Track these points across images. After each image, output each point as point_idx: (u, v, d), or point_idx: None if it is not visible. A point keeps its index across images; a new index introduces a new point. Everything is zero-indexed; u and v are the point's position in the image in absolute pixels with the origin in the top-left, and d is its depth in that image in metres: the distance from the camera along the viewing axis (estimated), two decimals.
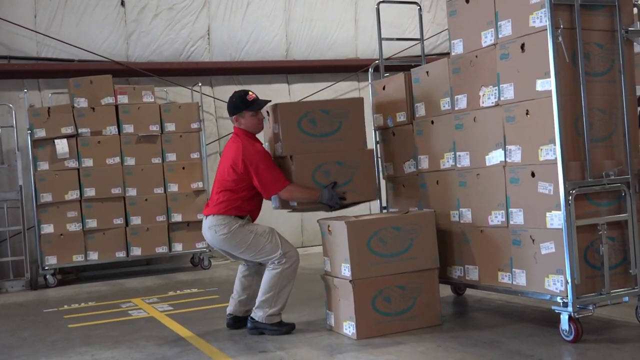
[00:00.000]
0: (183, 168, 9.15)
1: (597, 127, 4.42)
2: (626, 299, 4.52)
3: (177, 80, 9.72)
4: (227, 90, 10.13)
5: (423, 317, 4.95)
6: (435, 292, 5.01)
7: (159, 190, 9.05)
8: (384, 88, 5.90)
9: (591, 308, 4.33)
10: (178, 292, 7.52)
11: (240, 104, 5.25)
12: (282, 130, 5.13)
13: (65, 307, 7.00)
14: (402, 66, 6.77)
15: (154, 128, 9.01)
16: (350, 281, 4.82)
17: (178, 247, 9.14)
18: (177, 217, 9.09)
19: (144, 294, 7.45)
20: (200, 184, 9.20)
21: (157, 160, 9.06)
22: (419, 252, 4.93)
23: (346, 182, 5.19)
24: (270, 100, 5.44)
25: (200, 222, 9.07)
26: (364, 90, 10.65)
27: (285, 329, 5.12)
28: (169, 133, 9.10)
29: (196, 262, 9.48)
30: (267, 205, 10.21)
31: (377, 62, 6.44)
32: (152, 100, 9.07)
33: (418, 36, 10.81)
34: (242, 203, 5.17)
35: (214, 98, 10.04)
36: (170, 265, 9.75)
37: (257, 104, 5.26)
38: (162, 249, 9.04)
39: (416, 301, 4.92)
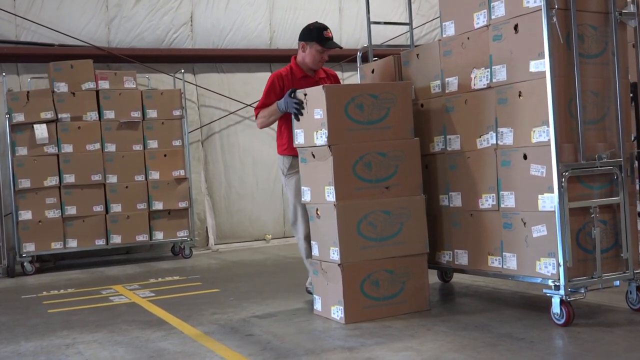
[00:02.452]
0: (165, 155, 9.02)
1: (590, 110, 4.39)
2: (617, 283, 4.48)
3: (158, 67, 9.58)
4: (209, 78, 10.05)
5: (412, 302, 4.89)
6: (424, 277, 4.94)
7: (140, 178, 8.91)
8: (372, 71, 5.83)
9: (583, 291, 4.30)
10: (159, 279, 7.41)
11: (315, 35, 5.28)
12: (328, 116, 4.70)
13: (44, 293, 6.86)
14: (390, 53, 6.70)
15: (136, 114, 8.87)
16: (339, 265, 4.75)
17: (159, 236, 9.01)
18: (158, 205, 8.96)
19: (124, 282, 7.33)
20: (182, 172, 9.08)
21: (138, 147, 8.92)
22: (408, 236, 4.85)
23: (390, 175, 4.83)
24: (341, 47, 5.55)
25: (181, 210, 9.04)
26: (348, 80, 10.58)
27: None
28: (151, 120, 8.97)
29: (177, 251, 9.36)
30: (251, 194, 10.09)
31: (365, 46, 6.33)
32: (134, 86, 8.93)
33: (402, 28, 10.83)
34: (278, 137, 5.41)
35: (196, 85, 9.91)
36: (150, 254, 9.62)
37: (329, 43, 5.27)
38: (142, 237, 8.91)
39: (405, 286, 4.85)
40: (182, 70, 9.40)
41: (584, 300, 4.44)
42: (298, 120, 4.99)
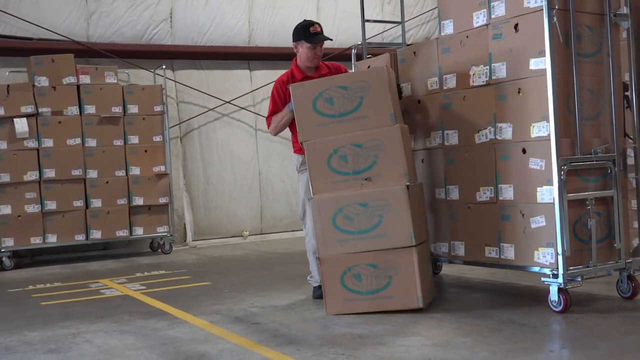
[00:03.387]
0: (145, 151, 9.03)
1: (586, 106, 4.59)
2: (610, 272, 4.70)
3: (138, 63, 9.57)
4: (188, 75, 10.07)
5: (400, 299, 4.69)
6: (412, 272, 4.66)
7: (121, 173, 8.91)
8: (368, 68, 5.96)
9: (579, 280, 4.50)
10: (146, 273, 7.43)
11: (301, 33, 5.32)
12: (297, 113, 4.84)
13: (31, 287, 6.83)
14: (374, 52, 6.83)
15: (117, 110, 8.87)
16: (317, 258, 4.86)
17: (139, 231, 9.02)
18: (138, 201, 8.96)
19: (109, 276, 7.33)
20: (162, 168, 9.10)
21: (119, 143, 8.91)
22: (389, 229, 4.65)
23: (369, 166, 4.70)
24: (331, 39, 5.49)
25: (162, 206, 9.06)
26: None
27: (316, 293, 5.33)
28: (132, 115, 8.97)
29: (155, 246, 9.37)
30: (229, 191, 10.13)
31: (359, 44, 6.47)
32: (115, 81, 8.93)
33: (378, 25, 11.00)
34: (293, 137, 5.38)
35: (175, 82, 9.93)
36: (128, 249, 9.60)
37: (315, 38, 5.26)
38: (122, 233, 8.90)
39: (392, 281, 4.69)
40: (164, 66, 9.41)
41: (575, 289, 4.63)
42: None
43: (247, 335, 4.39)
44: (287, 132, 5.54)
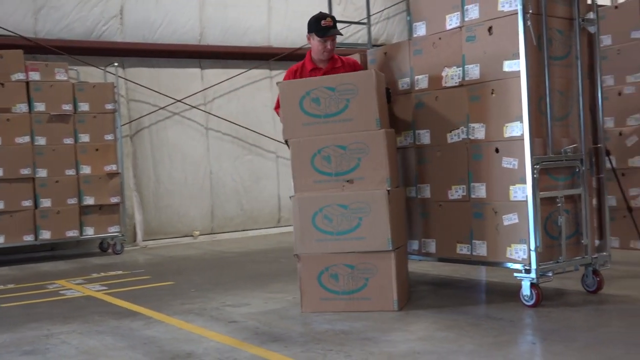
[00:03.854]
0: (97, 150, 8.87)
1: (556, 108, 4.76)
2: (577, 267, 4.87)
3: (87, 60, 9.39)
4: (138, 73, 9.94)
5: (375, 301, 4.74)
6: (389, 276, 4.70)
7: (71, 172, 8.73)
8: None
9: (550, 275, 4.65)
10: (102, 274, 7.30)
11: (314, 26, 5.32)
12: (283, 111, 4.87)
13: None
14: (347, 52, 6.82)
15: (67, 107, 8.69)
16: (295, 255, 4.90)
17: (89, 232, 8.86)
18: (89, 200, 8.80)
19: (64, 277, 7.17)
20: (114, 167, 8.96)
21: (69, 141, 8.73)
22: (368, 232, 4.70)
23: (352, 168, 4.73)
24: (341, 34, 5.43)
25: (113, 205, 8.90)
26: (276, 78, 10.72)
27: None
28: (83, 113, 8.80)
29: (105, 247, 9.21)
30: (180, 190, 10.01)
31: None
32: (66, 78, 8.74)
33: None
34: None
35: (126, 79, 9.78)
36: (77, 250, 9.40)
37: (324, 31, 5.26)
38: (73, 233, 8.72)
39: (368, 282, 4.74)
40: (116, 64, 9.26)
41: (542, 284, 4.76)
42: None
43: (229, 334, 4.38)
44: (237, 131, 5.53)
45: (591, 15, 4.90)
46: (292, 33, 10.80)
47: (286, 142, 4.98)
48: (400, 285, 4.79)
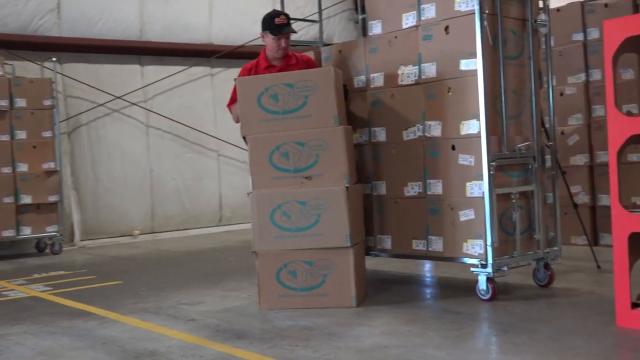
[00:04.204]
0: (34, 147, 8.63)
1: (510, 106, 4.87)
2: (530, 261, 5.01)
3: (23, 55, 9.11)
4: (76, 68, 9.70)
5: (334, 297, 4.75)
6: (348, 272, 4.71)
7: (7, 170, 8.46)
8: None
9: (505, 269, 4.77)
10: (44, 274, 7.10)
11: (267, 23, 5.30)
12: (241, 107, 4.84)
13: None
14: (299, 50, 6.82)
15: (3, 103, 8.42)
16: (253, 252, 4.88)
17: (26, 231, 8.61)
18: (26, 199, 8.55)
19: (3, 278, 6.94)
20: (52, 164, 8.72)
21: (5, 138, 8.46)
22: (326, 229, 4.69)
23: (310, 165, 4.72)
24: (295, 31, 5.40)
25: (51, 204, 8.66)
26: (217, 76, 10.64)
27: None
28: (20, 109, 8.54)
29: (42, 247, 8.97)
30: (119, 189, 9.81)
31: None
32: (2, 73, 8.47)
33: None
34: None
35: (63, 75, 9.52)
36: (12, 250, 9.10)
37: (278, 29, 5.25)
38: (9, 233, 8.47)
39: (326, 279, 4.74)
40: (54, 59, 9.01)
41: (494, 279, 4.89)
42: None
43: (190, 332, 4.32)
44: (178, 129, 5.50)
45: (543, 16, 5.04)
46: (234, 31, 10.74)
47: (244, 139, 4.95)
48: (359, 281, 4.82)
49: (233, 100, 5.37)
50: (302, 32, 10.66)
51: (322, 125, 4.74)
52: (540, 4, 5.09)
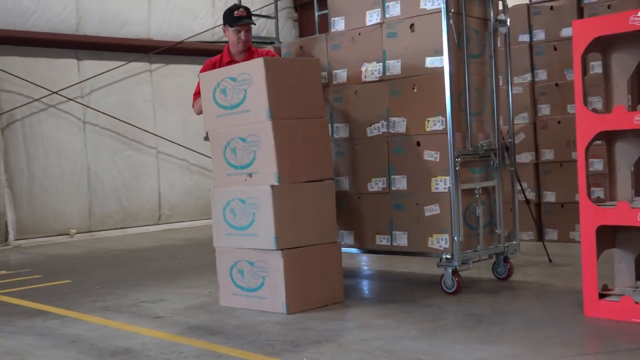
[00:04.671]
0: None
1: (473, 103, 4.98)
2: (492, 255, 5.13)
3: None
4: (10, 62, 9.38)
5: (270, 301, 4.52)
6: (280, 276, 4.44)
7: None
8: None
9: (469, 263, 4.87)
10: None
11: (227, 17, 5.28)
12: (202, 103, 4.83)
13: None
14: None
15: None
16: (214, 248, 4.86)
17: None
18: None
19: None
20: None
21: None
22: (259, 229, 4.49)
23: (250, 162, 4.56)
24: (254, 23, 5.35)
25: None
26: (156, 72, 10.47)
27: None
28: None
29: None
30: (56, 187, 9.54)
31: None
32: None
33: (209, 21, 10.96)
34: None
35: None
36: None
37: (237, 21, 5.22)
38: None
39: (265, 281, 4.54)
40: None
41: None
42: None
43: (161, 329, 4.25)
44: (116, 126, 5.43)
45: (503, 16, 5.17)
46: (173, 27, 10.60)
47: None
48: (298, 288, 4.50)
49: (197, 94, 5.32)
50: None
51: (257, 120, 4.51)
52: (500, 5, 5.21)
